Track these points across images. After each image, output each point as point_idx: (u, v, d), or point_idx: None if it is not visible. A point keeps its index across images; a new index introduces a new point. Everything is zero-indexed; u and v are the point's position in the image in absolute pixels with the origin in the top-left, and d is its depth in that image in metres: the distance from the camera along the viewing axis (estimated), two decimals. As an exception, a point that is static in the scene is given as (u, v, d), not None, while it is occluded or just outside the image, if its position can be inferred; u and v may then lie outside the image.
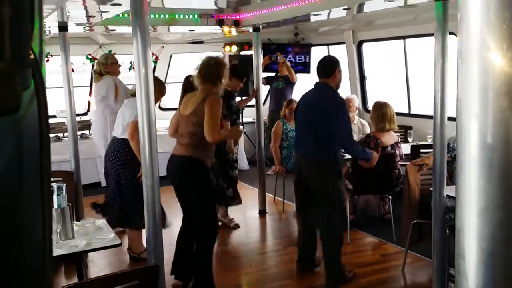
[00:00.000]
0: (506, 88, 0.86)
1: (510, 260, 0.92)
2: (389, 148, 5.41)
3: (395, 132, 5.60)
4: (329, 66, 4.28)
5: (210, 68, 4.05)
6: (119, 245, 3.42)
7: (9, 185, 0.56)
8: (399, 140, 5.76)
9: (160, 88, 4.59)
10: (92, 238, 3.34)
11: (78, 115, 6.64)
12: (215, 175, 5.77)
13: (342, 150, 4.44)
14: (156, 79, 4.59)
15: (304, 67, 9.32)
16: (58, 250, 3.17)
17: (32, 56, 0.56)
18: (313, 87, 4.39)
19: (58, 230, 3.26)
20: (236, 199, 5.94)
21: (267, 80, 8.60)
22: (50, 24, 5.34)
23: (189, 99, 4.10)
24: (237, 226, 5.92)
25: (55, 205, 3.29)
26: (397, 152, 5.48)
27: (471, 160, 0.90)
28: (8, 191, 0.56)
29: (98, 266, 4.79)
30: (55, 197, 3.32)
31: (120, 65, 6.14)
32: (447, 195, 3.94)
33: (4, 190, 0.56)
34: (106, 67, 5.84)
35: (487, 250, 0.92)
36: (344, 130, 4.14)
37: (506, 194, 0.89)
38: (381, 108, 5.41)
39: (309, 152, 4.22)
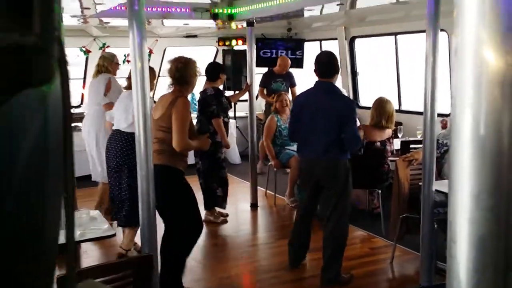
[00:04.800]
0: (499, 78, 0.91)
1: (500, 244, 0.96)
2: (378, 143, 5.48)
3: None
4: (334, 66, 4.23)
5: (178, 70, 3.94)
6: (113, 235, 3.45)
7: (36, 161, 0.56)
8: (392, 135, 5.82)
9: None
10: (86, 229, 3.36)
11: (71, 107, 6.63)
12: (204, 176, 5.77)
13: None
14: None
15: (297, 63, 9.34)
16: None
17: (57, 33, 0.57)
18: (318, 87, 4.25)
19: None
20: (224, 202, 5.90)
21: (263, 84, 8.05)
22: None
23: (158, 102, 3.97)
24: (224, 221, 5.91)
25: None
26: (388, 147, 5.55)
27: (464, 149, 0.95)
28: (35, 168, 0.56)
29: (92, 257, 4.81)
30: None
31: (119, 67, 6.14)
32: (436, 190, 4.01)
33: (31, 165, 0.55)
34: (111, 64, 5.86)
35: (477, 234, 0.96)
36: (357, 133, 4.19)
37: (497, 181, 0.93)
38: (381, 104, 5.46)
39: (327, 154, 4.14)
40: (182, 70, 3.95)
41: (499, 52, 0.91)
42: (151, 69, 4.78)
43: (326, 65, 4.21)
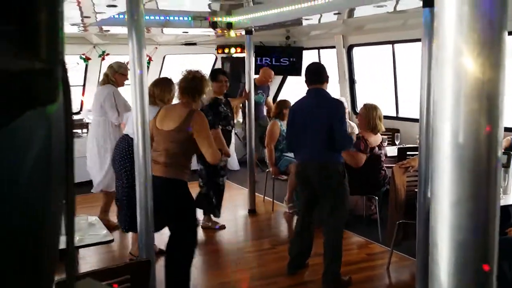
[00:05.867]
0: (477, 92, 0.95)
1: (477, 248, 1.00)
2: (376, 149, 5.54)
3: (382, 134, 5.75)
4: (323, 73, 4.46)
5: (188, 82, 3.99)
6: (111, 241, 3.49)
7: (40, 173, 0.60)
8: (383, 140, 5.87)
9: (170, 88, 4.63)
10: (84, 234, 3.40)
11: (73, 121, 6.67)
12: (202, 182, 5.80)
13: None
14: (164, 80, 4.67)
15: (296, 70, 9.38)
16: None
17: (61, 56, 0.62)
18: (309, 93, 4.45)
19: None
20: (218, 211, 5.87)
21: None
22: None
23: (168, 113, 3.95)
24: (222, 227, 5.92)
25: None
26: (382, 152, 5.62)
27: (444, 158, 0.99)
28: (38, 178, 0.60)
29: (89, 263, 4.83)
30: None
31: (127, 79, 5.98)
32: (432, 196, 4.04)
33: (35, 176, 0.60)
34: (114, 74, 5.65)
35: (457, 240, 1.00)
36: (346, 133, 4.40)
37: (475, 188, 0.98)
38: (375, 110, 5.55)
39: (319, 156, 4.29)
40: (198, 81, 4.01)
41: (478, 64, 0.95)
42: (169, 81, 4.78)
43: (314, 72, 4.47)
